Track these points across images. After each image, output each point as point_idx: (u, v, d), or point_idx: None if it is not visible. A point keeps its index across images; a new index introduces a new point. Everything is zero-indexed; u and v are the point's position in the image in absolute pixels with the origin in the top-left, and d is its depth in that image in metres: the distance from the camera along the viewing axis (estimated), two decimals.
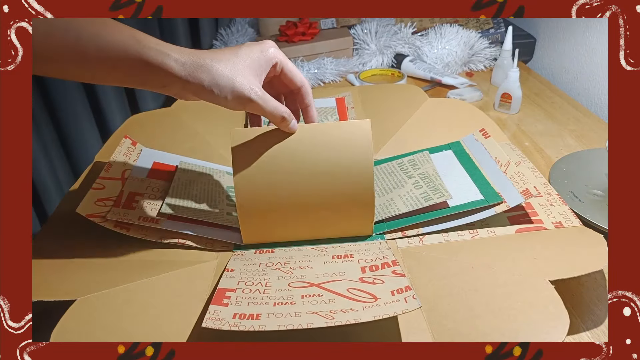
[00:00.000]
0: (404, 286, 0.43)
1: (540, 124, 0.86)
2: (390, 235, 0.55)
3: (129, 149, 0.64)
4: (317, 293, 0.43)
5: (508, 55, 0.97)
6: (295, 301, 0.42)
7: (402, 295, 0.41)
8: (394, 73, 1.05)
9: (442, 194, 0.56)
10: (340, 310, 0.40)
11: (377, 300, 0.41)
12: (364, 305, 0.41)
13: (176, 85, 0.45)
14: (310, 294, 0.43)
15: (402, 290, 0.42)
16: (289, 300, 0.42)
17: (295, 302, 0.42)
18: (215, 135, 0.73)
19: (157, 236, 0.54)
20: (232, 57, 0.46)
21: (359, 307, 0.40)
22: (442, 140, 0.68)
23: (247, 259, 0.51)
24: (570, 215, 0.55)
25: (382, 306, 0.40)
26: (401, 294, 0.41)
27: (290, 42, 1.11)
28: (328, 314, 0.40)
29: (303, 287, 0.44)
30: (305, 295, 0.43)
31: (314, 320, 0.39)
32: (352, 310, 0.40)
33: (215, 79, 0.45)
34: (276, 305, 0.41)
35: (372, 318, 0.38)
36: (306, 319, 0.39)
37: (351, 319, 0.38)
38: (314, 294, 0.43)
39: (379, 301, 0.41)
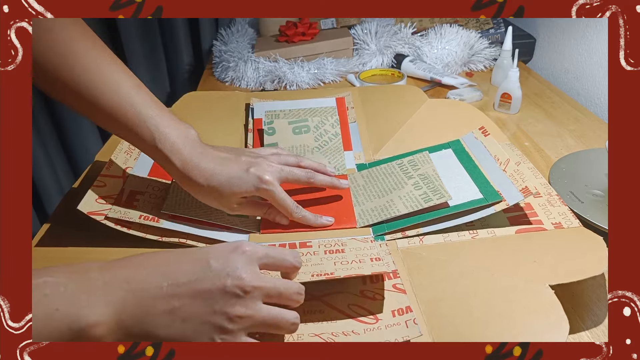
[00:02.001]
0: (404, 306, 0.44)
1: (540, 124, 0.86)
2: (391, 236, 0.55)
3: (130, 147, 0.64)
4: (318, 309, 0.45)
5: (508, 55, 0.97)
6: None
7: (403, 317, 0.43)
8: (394, 73, 1.05)
9: (442, 195, 0.56)
10: (342, 332, 0.42)
11: (378, 322, 0.43)
12: (365, 327, 0.43)
13: (173, 171, 0.51)
14: (312, 310, 0.45)
15: (403, 311, 0.44)
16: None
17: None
18: (216, 135, 0.73)
19: (158, 235, 0.53)
20: (228, 162, 0.51)
21: (360, 330, 0.42)
22: (441, 140, 0.68)
23: None
24: (570, 216, 0.55)
25: (383, 330, 0.42)
26: (402, 316, 0.43)
27: (290, 42, 1.11)
28: (330, 337, 0.42)
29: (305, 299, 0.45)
30: (308, 311, 0.44)
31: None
32: (354, 333, 0.42)
33: (209, 180, 0.50)
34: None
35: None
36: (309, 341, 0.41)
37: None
38: (316, 310, 0.45)
39: (379, 323, 0.43)
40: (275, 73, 1.04)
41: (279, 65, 1.05)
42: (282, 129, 0.71)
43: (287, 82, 1.03)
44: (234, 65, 1.08)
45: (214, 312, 0.36)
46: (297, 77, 1.03)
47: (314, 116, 0.73)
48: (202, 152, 0.50)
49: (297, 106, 0.76)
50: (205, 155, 0.50)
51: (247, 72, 1.06)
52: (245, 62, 1.07)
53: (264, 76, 1.05)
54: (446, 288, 0.47)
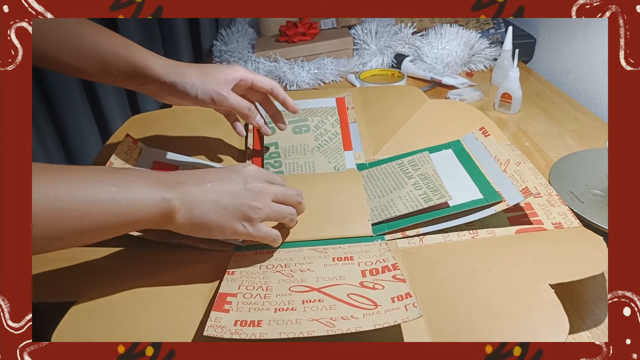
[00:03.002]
0: (404, 293, 0.43)
1: (540, 124, 0.86)
2: (391, 236, 0.55)
3: (129, 148, 0.64)
4: (317, 298, 0.44)
5: (508, 55, 0.97)
6: (296, 307, 0.43)
7: (402, 302, 0.42)
8: (394, 73, 1.04)
9: (442, 195, 0.56)
10: (341, 317, 0.41)
11: (378, 308, 0.42)
12: (365, 312, 0.41)
13: (155, 83, 0.56)
14: (311, 299, 0.44)
15: (403, 297, 0.43)
16: (289, 306, 0.43)
17: (296, 308, 0.42)
18: (216, 135, 0.73)
19: (158, 236, 0.54)
20: (202, 67, 0.59)
21: (359, 315, 0.41)
22: (442, 140, 0.68)
23: (247, 261, 0.51)
24: (570, 216, 0.55)
25: (382, 314, 0.41)
26: (401, 301, 0.42)
27: (291, 42, 1.11)
28: (329, 322, 0.40)
29: (304, 291, 0.45)
30: (306, 300, 0.44)
31: (314, 328, 0.39)
32: (353, 318, 0.41)
33: (186, 80, 0.57)
34: (277, 312, 0.42)
35: (372, 327, 0.39)
36: (307, 327, 0.39)
37: (352, 327, 0.39)
38: (315, 299, 0.44)
39: (379, 308, 0.42)
40: (275, 73, 1.04)
41: (279, 65, 1.05)
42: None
43: (287, 82, 1.03)
44: None
45: (242, 204, 0.47)
46: (297, 77, 1.03)
47: (314, 116, 0.73)
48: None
49: (297, 106, 0.76)
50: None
51: None
52: (246, 62, 1.07)
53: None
54: (446, 288, 0.47)
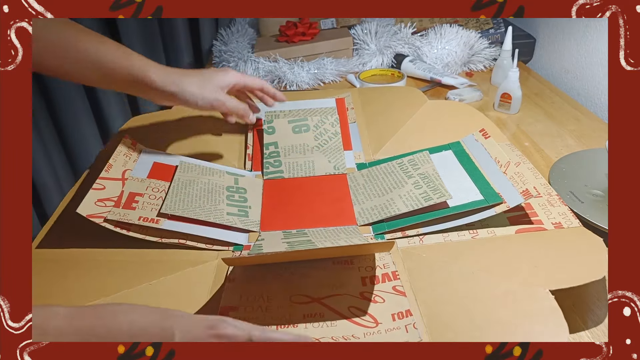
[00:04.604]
0: (404, 310, 0.44)
1: (540, 124, 0.86)
2: (390, 235, 0.55)
3: (129, 149, 0.64)
4: (319, 312, 0.45)
5: (508, 55, 0.97)
6: (298, 324, 0.44)
7: (402, 321, 0.43)
8: (394, 73, 1.04)
9: (442, 194, 0.56)
10: (342, 337, 0.42)
11: (378, 326, 0.43)
12: (365, 331, 0.43)
13: (155, 92, 0.60)
14: (312, 314, 0.45)
15: (403, 315, 0.44)
16: (291, 322, 0.44)
17: (297, 325, 0.44)
18: (215, 135, 0.73)
19: (157, 236, 0.54)
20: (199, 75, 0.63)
21: (360, 334, 0.43)
22: (441, 141, 0.68)
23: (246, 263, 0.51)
24: (570, 216, 0.55)
25: (382, 333, 0.42)
26: (402, 320, 0.44)
27: (290, 42, 1.11)
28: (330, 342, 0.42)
29: (304, 302, 0.46)
30: (307, 315, 0.45)
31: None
32: (354, 338, 0.42)
33: (186, 89, 0.61)
34: (279, 329, 0.43)
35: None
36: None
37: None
38: (316, 313, 0.45)
39: (379, 327, 0.43)
40: (275, 73, 1.04)
41: (279, 65, 1.05)
42: (282, 128, 0.71)
43: (287, 82, 1.03)
44: (234, 65, 1.08)
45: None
46: (297, 77, 1.03)
47: (313, 115, 0.73)
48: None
49: (297, 107, 0.76)
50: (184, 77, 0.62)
51: (247, 72, 1.06)
52: (245, 62, 1.07)
53: (263, 76, 1.05)
54: (446, 292, 0.47)
